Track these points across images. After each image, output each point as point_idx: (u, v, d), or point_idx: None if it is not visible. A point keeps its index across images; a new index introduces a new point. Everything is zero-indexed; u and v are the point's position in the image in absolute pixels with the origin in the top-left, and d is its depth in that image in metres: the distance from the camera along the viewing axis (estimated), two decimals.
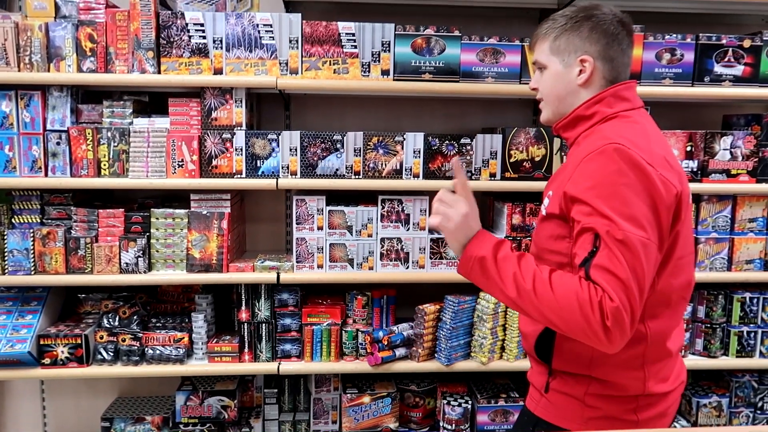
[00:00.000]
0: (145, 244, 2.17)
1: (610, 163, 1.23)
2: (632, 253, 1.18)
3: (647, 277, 1.20)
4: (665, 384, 1.38)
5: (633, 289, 1.17)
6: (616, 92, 1.38)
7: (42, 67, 2.07)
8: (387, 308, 2.37)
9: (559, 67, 1.41)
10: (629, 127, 1.33)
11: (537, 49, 1.45)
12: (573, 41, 1.38)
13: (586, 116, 1.39)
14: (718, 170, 2.28)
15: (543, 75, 1.45)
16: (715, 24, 2.54)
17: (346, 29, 2.11)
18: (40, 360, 2.18)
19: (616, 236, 1.18)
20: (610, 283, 1.17)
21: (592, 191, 1.24)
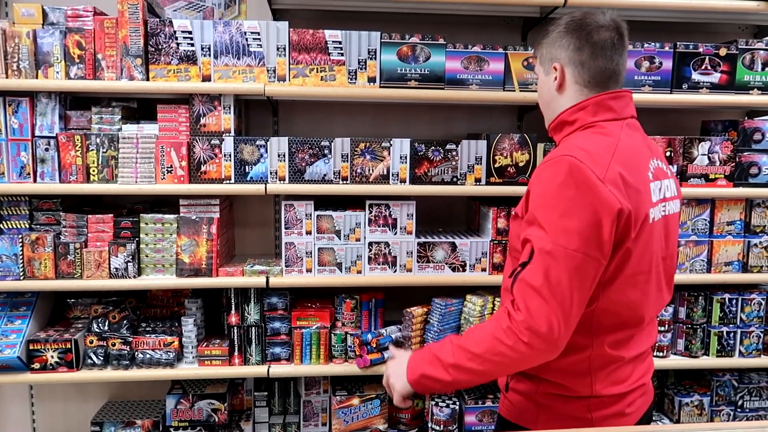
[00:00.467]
0: (134, 249, 2.19)
1: (557, 174, 1.26)
2: (556, 265, 1.21)
3: (573, 289, 1.22)
4: (620, 386, 1.39)
5: (547, 297, 1.21)
6: (600, 101, 1.37)
7: (30, 73, 2.08)
8: (375, 311, 2.40)
9: (543, 76, 1.48)
10: (596, 139, 1.33)
11: (536, 61, 1.52)
12: (551, 50, 1.43)
13: (569, 122, 1.41)
14: (696, 175, 2.33)
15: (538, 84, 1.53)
16: (693, 32, 2.60)
17: (333, 37, 2.14)
18: (30, 365, 2.18)
19: (545, 248, 1.23)
20: (524, 294, 1.24)
21: (536, 201, 1.29)
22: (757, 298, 2.44)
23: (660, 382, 2.62)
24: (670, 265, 1.44)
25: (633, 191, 1.27)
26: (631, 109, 1.42)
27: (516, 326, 1.23)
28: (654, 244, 1.34)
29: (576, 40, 1.38)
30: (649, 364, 1.50)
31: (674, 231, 1.46)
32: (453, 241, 2.30)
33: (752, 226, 2.42)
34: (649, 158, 1.38)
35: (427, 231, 2.48)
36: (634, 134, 1.39)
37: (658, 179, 1.37)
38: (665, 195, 1.39)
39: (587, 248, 1.22)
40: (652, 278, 1.36)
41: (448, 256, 2.31)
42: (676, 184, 1.47)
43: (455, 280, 2.30)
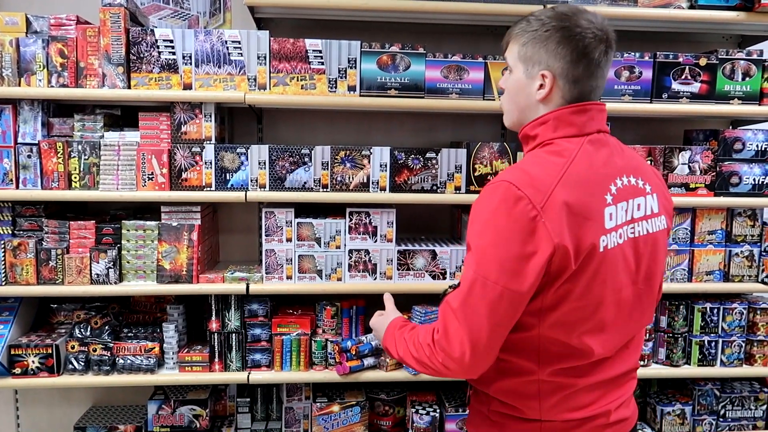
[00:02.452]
0: (115, 255, 2.21)
1: (492, 200, 1.21)
2: (475, 293, 1.20)
3: (487, 318, 1.20)
4: (578, 412, 1.32)
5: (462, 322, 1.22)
6: (561, 115, 1.28)
7: (13, 81, 2.10)
8: (356, 318, 2.41)
9: (522, 77, 1.32)
10: (546, 160, 1.25)
11: (508, 49, 1.36)
12: (539, 52, 1.28)
13: (531, 136, 1.33)
14: (677, 184, 2.34)
15: (507, 78, 1.37)
16: (676, 42, 2.61)
17: (313, 46, 2.16)
18: (11, 370, 2.20)
19: (469, 274, 1.22)
20: (444, 315, 1.26)
21: (470, 225, 1.27)
22: (738, 308, 2.44)
23: (642, 390, 2.62)
24: (649, 286, 1.34)
25: (578, 220, 1.19)
26: (597, 123, 1.30)
27: (434, 345, 1.27)
28: (608, 273, 1.24)
29: (572, 53, 1.25)
30: (627, 389, 1.39)
31: (653, 251, 1.33)
32: (433, 248, 2.31)
33: (733, 236, 2.42)
34: (613, 177, 1.27)
35: (411, 238, 2.48)
36: (597, 152, 1.28)
37: (623, 200, 1.26)
38: (633, 216, 1.28)
39: (508, 282, 1.17)
40: (609, 308, 1.27)
41: (428, 263, 2.31)
42: (660, 200, 1.35)
43: (435, 288, 2.31)
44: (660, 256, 1.37)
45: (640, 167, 1.36)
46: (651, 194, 1.33)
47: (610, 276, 1.25)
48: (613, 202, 1.25)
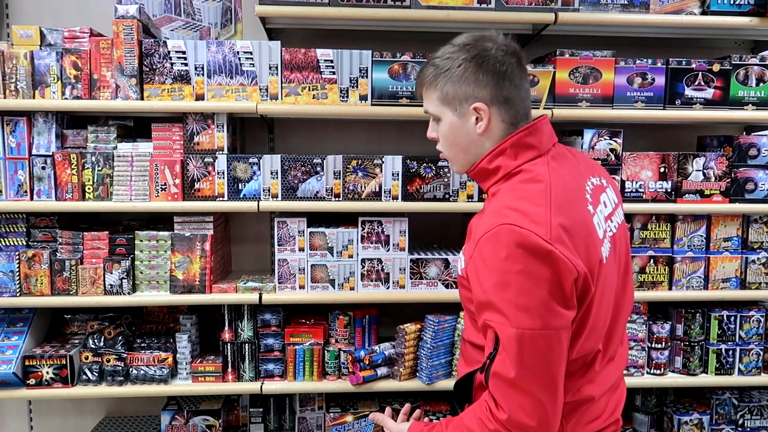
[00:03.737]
0: (129, 265, 2.21)
1: (500, 248, 1.14)
2: (526, 350, 1.12)
3: (551, 367, 1.14)
4: (594, 423, 1.32)
5: (527, 388, 1.13)
6: (518, 140, 1.26)
7: (27, 93, 2.12)
8: (369, 328, 2.40)
9: (454, 118, 1.28)
10: (526, 191, 1.20)
11: (426, 98, 1.33)
12: (461, 89, 1.26)
13: (490, 170, 1.29)
14: (691, 191, 2.32)
15: (438, 127, 1.33)
16: (688, 48, 2.59)
17: (325, 56, 2.16)
18: (26, 380, 2.20)
19: (510, 334, 1.12)
20: (502, 391, 1.15)
21: (485, 281, 1.17)
22: (756, 315, 2.41)
23: (658, 400, 2.59)
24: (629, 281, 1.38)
25: (580, 240, 1.17)
26: (550, 137, 1.30)
27: (503, 426, 1.15)
28: (610, 281, 1.27)
29: (492, 76, 1.24)
30: (621, 393, 1.42)
31: (626, 244, 1.38)
32: (446, 257, 2.30)
33: (749, 242, 2.39)
34: (584, 186, 1.27)
35: (423, 247, 2.47)
36: (562, 166, 1.27)
37: (597, 203, 1.28)
38: (605, 214, 1.30)
39: (552, 322, 1.12)
40: (610, 311, 1.29)
41: (441, 272, 2.30)
42: (615, 190, 1.39)
43: (448, 297, 2.30)
44: (628, 249, 1.40)
45: (592, 164, 1.39)
46: (608, 187, 1.36)
47: (610, 282, 1.27)
48: (593, 210, 1.25)
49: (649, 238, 2.36)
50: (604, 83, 2.24)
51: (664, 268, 2.36)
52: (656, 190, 2.31)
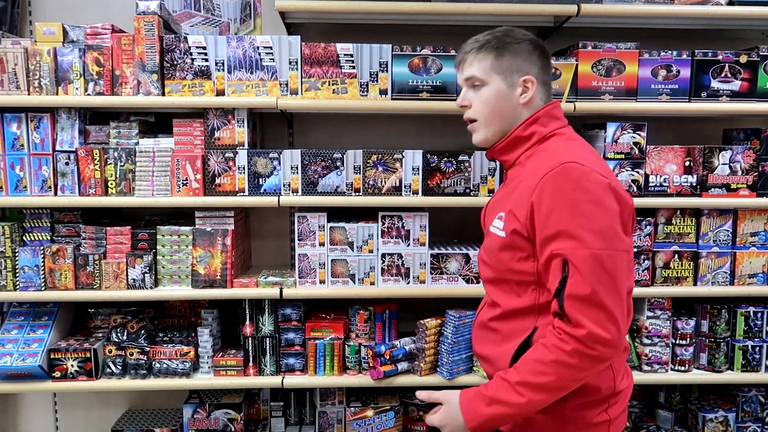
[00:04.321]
0: (151, 260, 2.23)
1: (567, 182, 1.28)
2: (599, 268, 1.24)
3: (619, 286, 1.26)
4: (627, 379, 1.46)
5: (601, 304, 1.23)
6: (548, 111, 1.45)
7: (51, 90, 2.14)
8: (389, 323, 2.40)
9: (502, 86, 1.44)
10: (571, 144, 1.40)
11: (473, 66, 1.46)
12: (516, 61, 1.43)
13: (524, 137, 1.44)
14: (717, 185, 2.28)
15: (480, 92, 1.46)
16: (714, 39, 2.54)
17: (345, 50, 2.16)
18: (51, 373, 2.24)
19: (584, 255, 1.24)
20: (578, 308, 1.24)
21: (556, 213, 1.27)
22: None
23: (683, 396, 2.56)
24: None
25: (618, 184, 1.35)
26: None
27: (581, 343, 1.24)
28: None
29: (541, 60, 1.46)
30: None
31: None
32: (467, 252, 2.29)
33: None
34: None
35: (444, 242, 2.46)
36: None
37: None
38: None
39: (617, 244, 1.27)
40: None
41: (461, 267, 2.29)
42: None
43: (469, 292, 2.29)
44: None
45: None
46: None
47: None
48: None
49: (674, 233, 2.32)
50: (628, 76, 2.21)
51: (689, 263, 2.32)
52: (681, 184, 2.28)
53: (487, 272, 1.51)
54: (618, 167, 2.23)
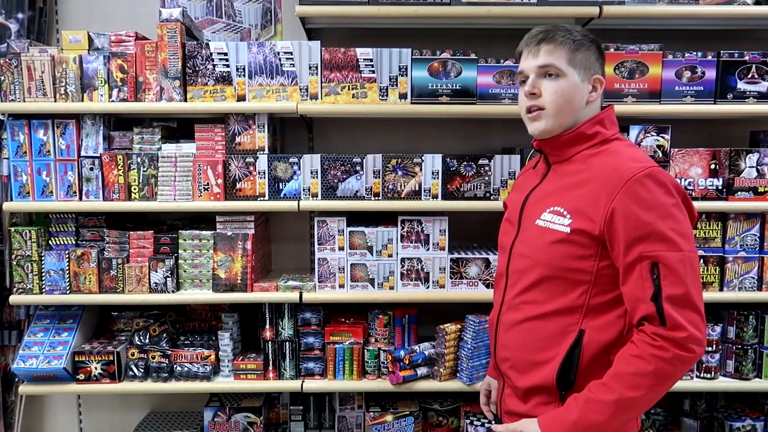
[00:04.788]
0: (173, 264, 2.25)
1: (655, 186, 1.31)
2: (689, 270, 1.28)
3: (699, 287, 1.31)
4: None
5: (693, 305, 1.27)
6: (610, 115, 1.49)
7: (76, 97, 2.18)
8: (409, 327, 2.39)
9: (578, 80, 1.44)
10: (638, 150, 1.45)
11: (552, 54, 1.43)
12: (589, 59, 1.45)
13: (588, 135, 1.45)
14: (744, 188, 2.23)
15: (556, 82, 1.43)
16: (740, 40, 2.49)
17: (364, 55, 2.16)
18: (75, 376, 2.27)
19: (677, 257, 1.27)
20: (677, 311, 1.26)
21: (645, 216, 1.29)
22: None
23: (708, 404, 2.50)
24: None
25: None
26: None
27: (680, 347, 1.26)
28: None
29: (603, 63, 1.50)
30: None
31: None
32: (486, 257, 2.27)
33: None
34: None
35: (464, 246, 2.45)
36: None
37: None
38: None
39: (694, 248, 1.33)
40: None
41: (481, 272, 2.28)
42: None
43: (489, 297, 2.25)
44: None
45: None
46: None
47: None
48: None
49: (699, 237, 2.28)
50: (651, 78, 2.17)
51: (715, 268, 2.28)
52: (706, 187, 2.23)
53: (527, 267, 1.48)
54: None
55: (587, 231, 1.36)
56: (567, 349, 1.40)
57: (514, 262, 1.53)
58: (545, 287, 1.44)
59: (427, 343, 2.35)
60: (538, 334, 1.45)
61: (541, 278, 1.45)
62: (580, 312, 1.40)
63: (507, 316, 1.54)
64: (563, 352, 1.40)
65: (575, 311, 1.41)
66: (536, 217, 1.47)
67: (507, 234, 1.61)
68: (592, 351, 1.39)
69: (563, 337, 1.41)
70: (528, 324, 1.47)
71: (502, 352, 1.56)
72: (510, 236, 1.58)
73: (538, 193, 1.52)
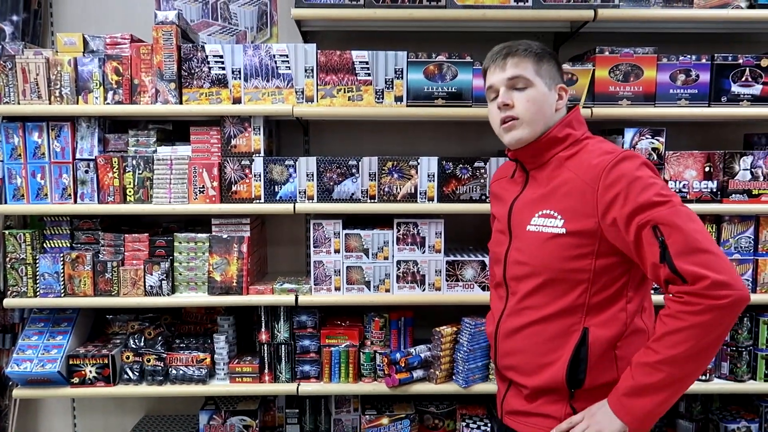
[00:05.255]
0: (168, 267, 2.25)
1: (632, 166, 1.36)
2: (689, 217, 1.30)
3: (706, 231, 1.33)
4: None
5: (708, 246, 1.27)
6: (577, 116, 1.54)
7: (71, 99, 2.18)
8: (405, 330, 2.39)
9: (545, 89, 1.51)
10: (610, 144, 1.50)
11: (519, 67, 1.50)
12: (552, 69, 1.53)
13: (560, 138, 1.50)
14: (738, 190, 2.24)
15: (526, 93, 1.50)
16: (735, 43, 2.50)
17: (360, 58, 2.16)
18: (69, 379, 2.26)
19: (672, 212, 1.29)
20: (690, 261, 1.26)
21: (633, 191, 1.33)
22: None
23: (703, 406, 2.51)
24: None
25: None
26: None
27: (708, 298, 1.24)
28: None
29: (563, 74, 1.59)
30: None
31: None
32: (482, 259, 2.27)
33: None
34: None
35: (460, 249, 2.45)
36: None
37: None
38: None
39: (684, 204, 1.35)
40: None
41: (477, 274, 2.28)
42: None
43: (485, 299, 2.23)
44: None
45: None
46: None
47: None
48: None
49: None
50: (646, 81, 2.18)
51: None
52: (701, 190, 2.24)
53: (525, 273, 1.51)
54: None
55: (583, 229, 1.40)
56: (573, 348, 1.43)
57: (511, 270, 1.55)
58: (546, 290, 1.47)
59: (423, 345, 2.35)
60: (543, 337, 1.47)
61: (541, 282, 1.47)
62: (582, 311, 1.43)
63: (508, 323, 1.56)
64: (569, 351, 1.43)
65: (577, 311, 1.44)
66: (526, 223, 1.51)
67: (500, 244, 1.63)
68: (598, 347, 1.42)
69: (568, 337, 1.44)
70: (531, 328, 1.49)
71: (505, 359, 1.58)
72: (503, 246, 1.60)
73: (523, 200, 1.56)
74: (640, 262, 1.36)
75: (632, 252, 1.36)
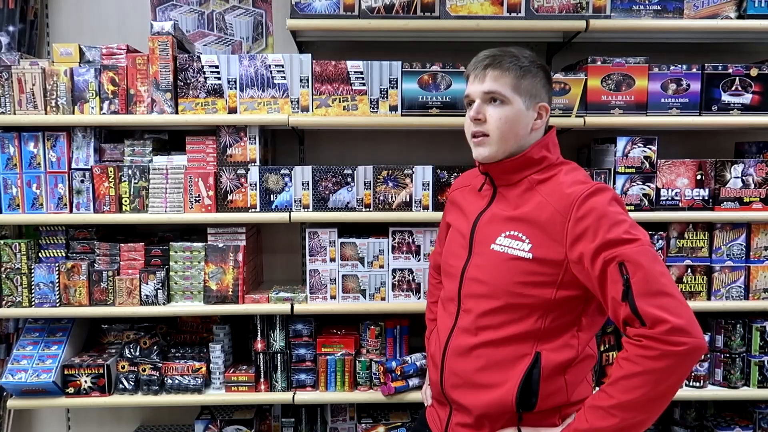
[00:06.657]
0: (164, 276, 2.25)
1: (605, 200, 1.34)
2: (655, 258, 1.28)
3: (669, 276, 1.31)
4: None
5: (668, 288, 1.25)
6: (553, 139, 1.51)
7: (67, 109, 2.18)
8: (400, 338, 2.40)
9: (522, 108, 1.44)
10: (583, 173, 1.48)
11: (497, 81, 1.43)
12: (535, 86, 1.45)
13: (536, 160, 1.46)
14: (730, 198, 2.26)
15: (500, 109, 1.43)
16: (725, 52, 2.54)
17: (355, 68, 2.18)
18: (65, 389, 2.25)
19: (639, 250, 1.27)
20: (651, 304, 1.24)
21: (603, 225, 1.31)
22: None
23: (698, 413, 2.52)
24: None
25: None
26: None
27: (665, 343, 1.21)
28: None
29: (550, 90, 1.51)
30: None
31: None
32: None
33: None
34: None
35: None
36: None
37: None
38: None
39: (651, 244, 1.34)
40: None
41: None
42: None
43: None
44: None
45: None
46: None
47: None
48: None
49: (686, 247, 2.31)
50: (638, 90, 2.21)
51: (702, 277, 2.30)
52: (693, 198, 2.27)
53: (483, 293, 1.46)
54: (629, 181, 2.23)
55: (549, 258, 1.37)
56: (525, 370, 1.39)
57: (468, 287, 1.50)
58: (503, 314, 1.42)
59: (418, 353, 2.36)
60: (494, 358, 1.43)
61: (499, 304, 1.43)
62: (536, 336, 1.40)
63: (459, 341, 1.50)
64: (521, 373, 1.39)
65: (531, 336, 1.40)
66: (491, 241, 1.46)
67: (457, 257, 1.56)
68: (550, 370, 1.39)
69: (519, 360, 1.40)
70: (484, 349, 1.44)
71: (452, 378, 1.51)
72: (460, 260, 1.54)
73: (489, 217, 1.50)
74: (602, 298, 1.33)
75: (595, 287, 1.33)
